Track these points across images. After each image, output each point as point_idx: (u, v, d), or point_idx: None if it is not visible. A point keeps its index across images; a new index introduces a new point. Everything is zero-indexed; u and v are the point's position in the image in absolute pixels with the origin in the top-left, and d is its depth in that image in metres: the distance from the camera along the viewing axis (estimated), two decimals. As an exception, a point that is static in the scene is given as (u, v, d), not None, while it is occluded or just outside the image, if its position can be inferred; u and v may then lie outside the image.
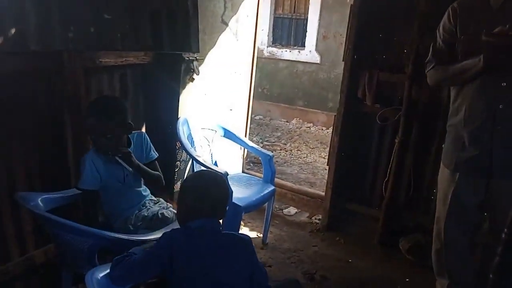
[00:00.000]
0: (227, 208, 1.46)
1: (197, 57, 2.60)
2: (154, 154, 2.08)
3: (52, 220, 1.41)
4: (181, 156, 2.78)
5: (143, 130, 2.60)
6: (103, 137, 1.75)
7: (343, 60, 2.77)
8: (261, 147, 5.29)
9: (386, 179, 2.75)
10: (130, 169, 1.89)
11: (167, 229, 1.65)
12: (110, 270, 1.26)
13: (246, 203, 2.42)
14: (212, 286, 1.33)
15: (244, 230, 3.02)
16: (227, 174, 2.32)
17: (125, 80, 2.39)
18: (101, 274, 1.20)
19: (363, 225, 2.95)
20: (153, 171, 2.01)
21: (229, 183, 2.64)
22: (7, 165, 1.86)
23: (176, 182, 2.81)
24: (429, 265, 2.58)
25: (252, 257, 1.43)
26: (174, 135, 2.59)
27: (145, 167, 1.95)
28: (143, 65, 2.45)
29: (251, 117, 3.50)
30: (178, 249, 1.31)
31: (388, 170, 2.73)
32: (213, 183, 1.43)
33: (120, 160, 1.83)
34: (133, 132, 1.94)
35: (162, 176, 2.06)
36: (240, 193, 2.57)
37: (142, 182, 2.04)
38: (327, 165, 3.01)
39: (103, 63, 2.17)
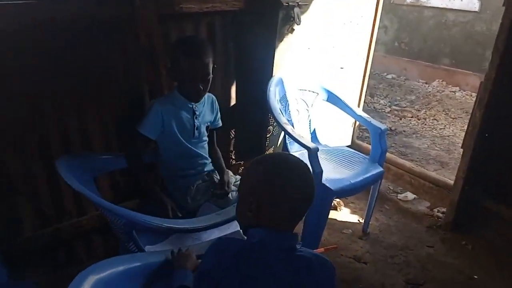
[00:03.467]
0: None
1: (300, 2, 2.13)
2: (220, 122, 1.81)
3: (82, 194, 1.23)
4: (277, 120, 2.42)
5: (234, 87, 2.31)
6: (202, 80, 1.56)
7: (503, 5, 1.95)
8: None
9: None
10: (199, 123, 1.70)
11: (224, 214, 1.37)
12: None
13: (339, 187, 1.96)
14: None
15: (342, 213, 2.58)
16: (316, 149, 1.89)
17: (213, 30, 2.09)
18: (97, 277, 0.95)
19: (502, 230, 2.21)
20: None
21: (323, 158, 2.23)
22: (81, 123, 1.78)
23: (268, 149, 2.49)
24: None
25: None
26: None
27: None
28: (234, 12, 2.10)
29: (369, 76, 2.88)
30: (229, 272, 0.91)
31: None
32: (309, 178, 0.98)
33: (194, 105, 1.66)
34: None
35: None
36: (334, 173, 2.12)
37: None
38: (462, 147, 2.30)
39: (185, 9, 1.89)
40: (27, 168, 1.70)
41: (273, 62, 2.23)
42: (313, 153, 1.87)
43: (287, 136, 2.24)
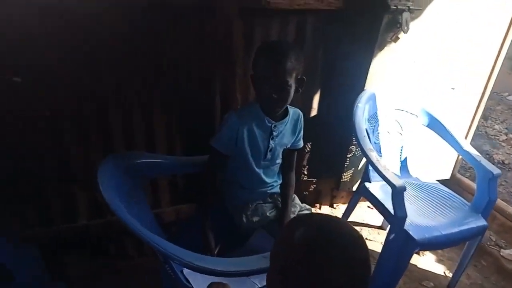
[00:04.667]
0: None
1: (411, 7, 1.77)
2: (301, 143, 1.55)
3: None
4: (362, 139, 2.10)
5: (317, 97, 2.04)
6: (272, 85, 1.30)
7: None
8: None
9: None
10: (274, 145, 1.45)
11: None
12: None
13: (425, 237, 1.60)
14: None
15: (424, 259, 2.18)
16: (403, 189, 1.55)
17: (303, 31, 1.84)
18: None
19: None
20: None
21: (410, 195, 1.87)
22: (146, 119, 1.68)
23: (347, 170, 2.18)
24: None
25: None
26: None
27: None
28: (329, 12, 1.81)
29: (491, 96, 2.37)
30: None
31: None
32: (365, 270, 0.70)
33: (273, 125, 1.41)
34: (289, 106, 1.45)
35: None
36: (422, 217, 1.74)
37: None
38: None
39: (273, 4, 1.66)
40: (87, 157, 1.66)
41: (367, 74, 1.90)
42: (398, 193, 1.54)
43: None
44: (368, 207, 2.46)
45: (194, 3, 1.54)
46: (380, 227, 2.35)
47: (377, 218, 2.39)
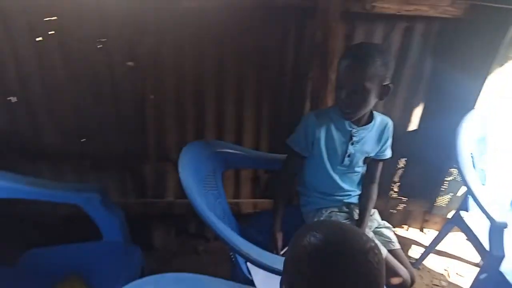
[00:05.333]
0: None
1: (548, 18, 1.52)
2: (388, 153, 1.45)
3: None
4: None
5: (418, 110, 1.88)
6: (347, 89, 1.24)
7: None
8: None
9: None
10: (353, 151, 1.38)
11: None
12: None
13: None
14: None
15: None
16: (504, 226, 1.35)
17: (409, 39, 1.72)
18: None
19: None
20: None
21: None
22: (237, 113, 1.77)
23: (443, 195, 1.98)
24: None
25: None
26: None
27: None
28: (443, 20, 1.66)
29: None
30: None
31: None
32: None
33: (354, 129, 1.35)
34: (377, 113, 1.39)
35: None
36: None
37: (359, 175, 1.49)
38: None
39: (378, 9, 1.59)
40: (182, 140, 1.79)
41: (479, 91, 1.70)
42: (497, 229, 1.34)
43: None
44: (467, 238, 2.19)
45: (296, 3, 1.55)
46: (477, 265, 2.08)
47: (475, 253, 2.11)
